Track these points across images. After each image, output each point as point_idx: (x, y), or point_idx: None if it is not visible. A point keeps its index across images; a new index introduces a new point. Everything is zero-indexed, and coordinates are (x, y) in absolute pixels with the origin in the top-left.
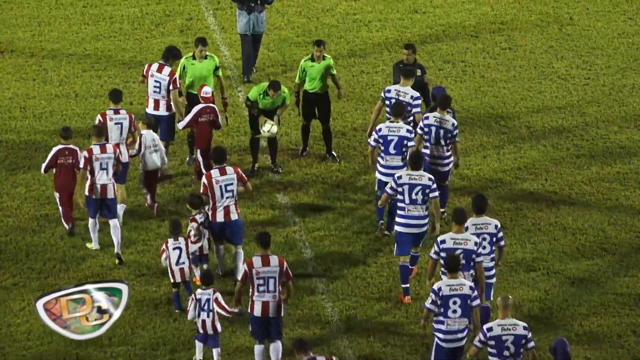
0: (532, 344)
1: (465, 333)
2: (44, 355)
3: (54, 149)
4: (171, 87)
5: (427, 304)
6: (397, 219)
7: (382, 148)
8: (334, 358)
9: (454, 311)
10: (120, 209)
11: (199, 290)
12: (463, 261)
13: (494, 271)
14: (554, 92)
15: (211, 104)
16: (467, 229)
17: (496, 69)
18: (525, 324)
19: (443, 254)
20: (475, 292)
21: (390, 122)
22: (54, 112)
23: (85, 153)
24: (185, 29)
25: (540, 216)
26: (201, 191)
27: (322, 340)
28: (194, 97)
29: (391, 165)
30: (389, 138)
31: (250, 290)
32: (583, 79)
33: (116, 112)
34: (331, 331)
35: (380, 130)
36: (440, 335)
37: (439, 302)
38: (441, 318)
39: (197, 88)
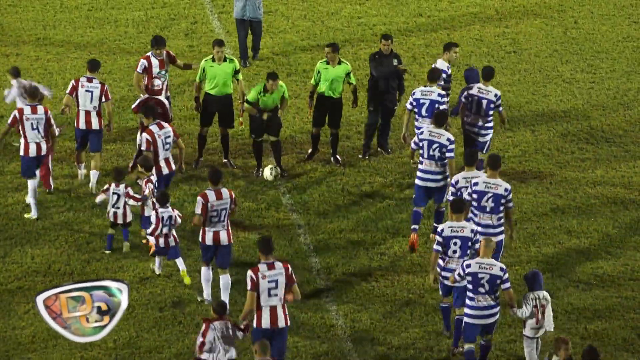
0: (507, 284)
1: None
2: (49, 358)
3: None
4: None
5: (434, 246)
6: (417, 173)
7: (416, 111)
8: (289, 266)
9: (454, 251)
10: (94, 175)
11: (160, 209)
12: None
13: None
14: (559, 95)
15: (159, 97)
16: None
17: (501, 72)
18: (503, 266)
19: (474, 195)
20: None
21: (425, 87)
22: (59, 115)
23: (15, 112)
24: (190, 32)
25: (544, 220)
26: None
27: (326, 344)
28: (213, 99)
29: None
30: (422, 101)
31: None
32: (588, 82)
33: (89, 80)
34: (335, 334)
35: (414, 94)
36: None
37: (443, 242)
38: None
39: (217, 90)
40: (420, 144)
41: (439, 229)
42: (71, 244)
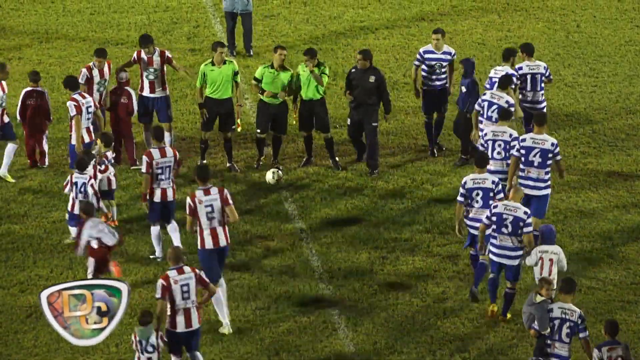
0: (529, 228)
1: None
2: None
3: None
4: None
5: (458, 198)
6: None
7: (481, 113)
8: (225, 190)
9: (477, 202)
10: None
11: (75, 174)
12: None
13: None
14: (561, 99)
15: (127, 88)
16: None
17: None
18: (527, 210)
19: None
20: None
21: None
22: (61, 119)
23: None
24: (192, 36)
25: (547, 224)
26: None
27: (328, 348)
28: (214, 102)
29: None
30: (489, 104)
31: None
32: (590, 86)
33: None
34: (338, 338)
35: (484, 95)
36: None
37: (466, 194)
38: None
39: (218, 93)
40: (485, 145)
41: (462, 181)
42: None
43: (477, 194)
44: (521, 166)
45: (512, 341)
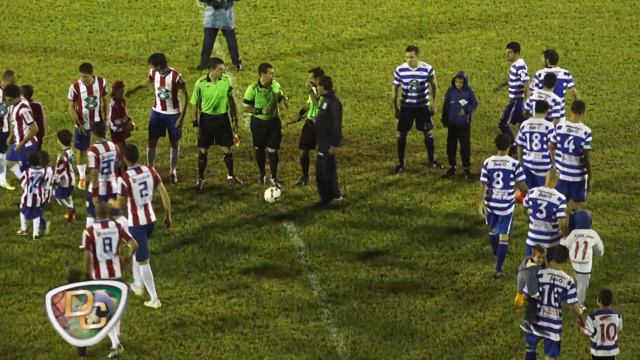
0: (562, 213)
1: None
2: None
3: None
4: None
5: (480, 179)
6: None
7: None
8: (153, 169)
9: (497, 182)
10: (81, 170)
11: (31, 170)
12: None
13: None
14: None
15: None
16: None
17: (502, 94)
18: (562, 197)
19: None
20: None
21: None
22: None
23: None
24: (190, 54)
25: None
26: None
27: None
28: (210, 118)
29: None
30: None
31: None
32: (589, 104)
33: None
34: (336, 356)
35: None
36: (486, 202)
37: (488, 175)
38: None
39: (213, 110)
40: (523, 137)
41: (484, 163)
42: (72, 265)
43: (498, 175)
44: (558, 152)
45: (509, 351)
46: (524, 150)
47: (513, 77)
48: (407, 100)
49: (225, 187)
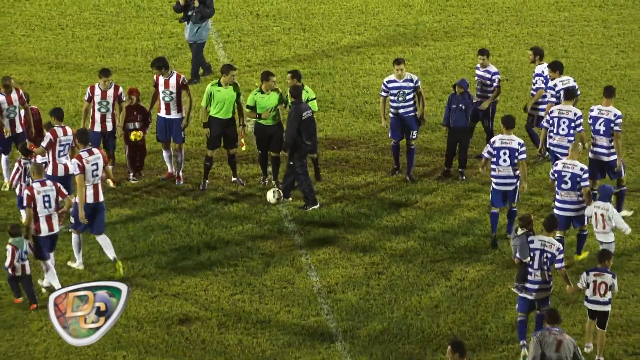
0: (586, 183)
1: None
2: None
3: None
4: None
5: (484, 153)
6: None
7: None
8: (103, 151)
9: (504, 160)
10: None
11: (22, 160)
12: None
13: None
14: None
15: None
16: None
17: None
18: (584, 167)
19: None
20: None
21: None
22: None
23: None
24: None
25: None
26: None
27: (327, 359)
28: (219, 122)
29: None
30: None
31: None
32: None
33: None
34: (336, 350)
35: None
36: (494, 180)
37: (493, 152)
38: (494, 166)
39: (222, 113)
40: (551, 121)
41: (491, 140)
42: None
43: (505, 153)
44: (592, 134)
45: (502, 353)
46: (550, 134)
47: (533, 82)
48: (395, 111)
49: (229, 189)
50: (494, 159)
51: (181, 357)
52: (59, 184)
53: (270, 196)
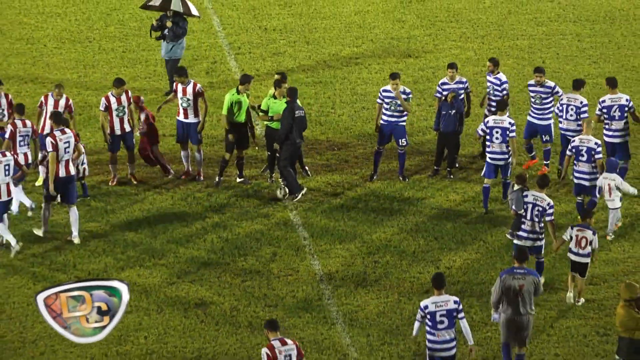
0: (600, 155)
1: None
2: (88, 352)
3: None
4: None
5: (478, 130)
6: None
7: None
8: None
9: (497, 138)
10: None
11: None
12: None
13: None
14: None
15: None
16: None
17: (478, 106)
18: (598, 141)
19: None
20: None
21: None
22: (97, 142)
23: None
24: (210, 71)
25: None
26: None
27: (328, 339)
28: (237, 126)
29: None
30: (566, 106)
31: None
32: (554, 114)
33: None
34: (336, 331)
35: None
36: (488, 155)
37: (486, 130)
38: (488, 143)
39: (239, 118)
40: (560, 108)
41: (485, 120)
42: (105, 246)
43: (497, 132)
44: (605, 120)
45: (486, 334)
46: (560, 120)
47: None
48: (386, 118)
49: (240, 186)
50: (488, 137)
51: (197, 338)
52: (15, 156)
53: (278, 192)
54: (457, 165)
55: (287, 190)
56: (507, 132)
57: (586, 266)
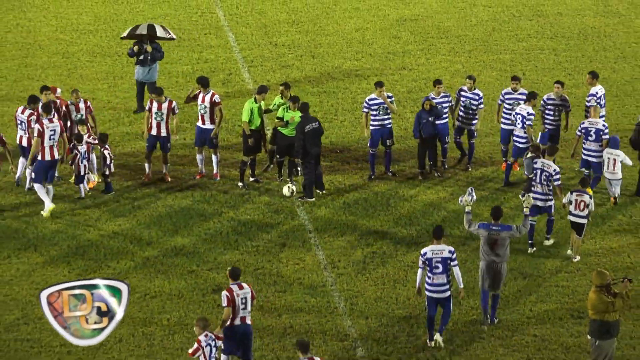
0: (606, 136)
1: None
2: (117, 332)
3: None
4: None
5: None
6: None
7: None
8: (61, 122)
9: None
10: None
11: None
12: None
13: None
14: None
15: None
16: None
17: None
18: (605, 124)
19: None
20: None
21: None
22: (124, 146)
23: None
24: (226, 81)
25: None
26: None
27: (330, 322)
28: (255, 132)
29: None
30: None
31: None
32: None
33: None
34: (338, 314)
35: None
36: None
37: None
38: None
39: (256, 125)
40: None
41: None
42: (132, 239)
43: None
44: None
45: (472, 316)
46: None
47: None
48: (376, 123)
49: (252, 185)
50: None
51: (214, 320)
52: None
53: (285, 190)
54: (445, 167)
55: (294, 188)
56: (524, 120)
57: (583, 226)
